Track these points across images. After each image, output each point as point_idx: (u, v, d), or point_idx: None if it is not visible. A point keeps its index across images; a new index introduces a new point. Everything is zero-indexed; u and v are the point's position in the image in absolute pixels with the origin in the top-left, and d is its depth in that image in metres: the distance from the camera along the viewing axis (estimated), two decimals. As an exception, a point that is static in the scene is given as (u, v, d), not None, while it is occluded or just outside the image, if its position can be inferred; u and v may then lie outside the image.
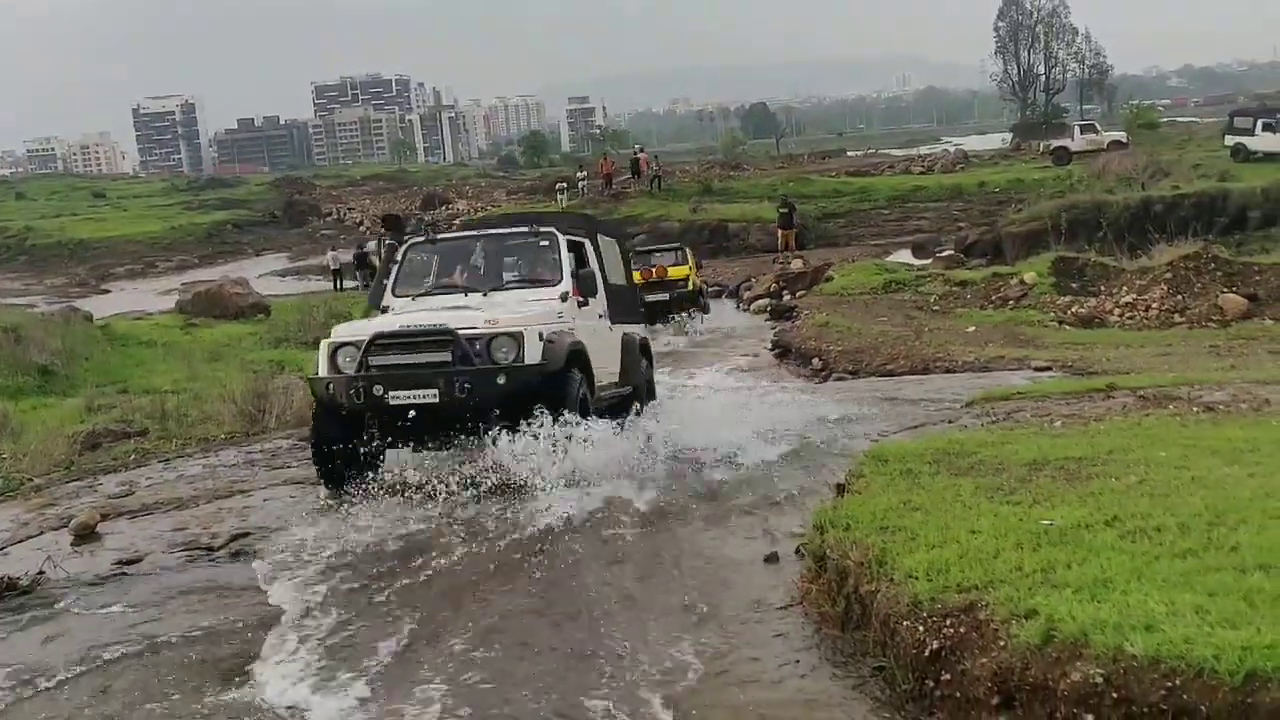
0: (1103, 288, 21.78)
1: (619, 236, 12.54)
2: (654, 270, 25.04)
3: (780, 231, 36.84)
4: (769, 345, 21.27)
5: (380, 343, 8.44)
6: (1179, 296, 20.26)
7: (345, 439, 8.54)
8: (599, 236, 11.00)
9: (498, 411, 8.22)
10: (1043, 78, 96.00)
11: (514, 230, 10.40)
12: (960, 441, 7.66)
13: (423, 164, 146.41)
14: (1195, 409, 8.31)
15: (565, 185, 51.91)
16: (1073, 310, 20.23)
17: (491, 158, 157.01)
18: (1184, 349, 14.99)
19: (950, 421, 9.53)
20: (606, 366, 10.07)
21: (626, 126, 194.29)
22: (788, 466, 9.19)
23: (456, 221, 40.54)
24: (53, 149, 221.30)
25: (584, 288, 9.74)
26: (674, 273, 25.50)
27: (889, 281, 25.50)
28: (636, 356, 11.12)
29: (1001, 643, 4.33)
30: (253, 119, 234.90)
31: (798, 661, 5.41)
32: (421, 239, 10.60)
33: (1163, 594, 4.30)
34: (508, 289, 9.66)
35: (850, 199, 48.15)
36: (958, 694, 4.45)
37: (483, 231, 10.62)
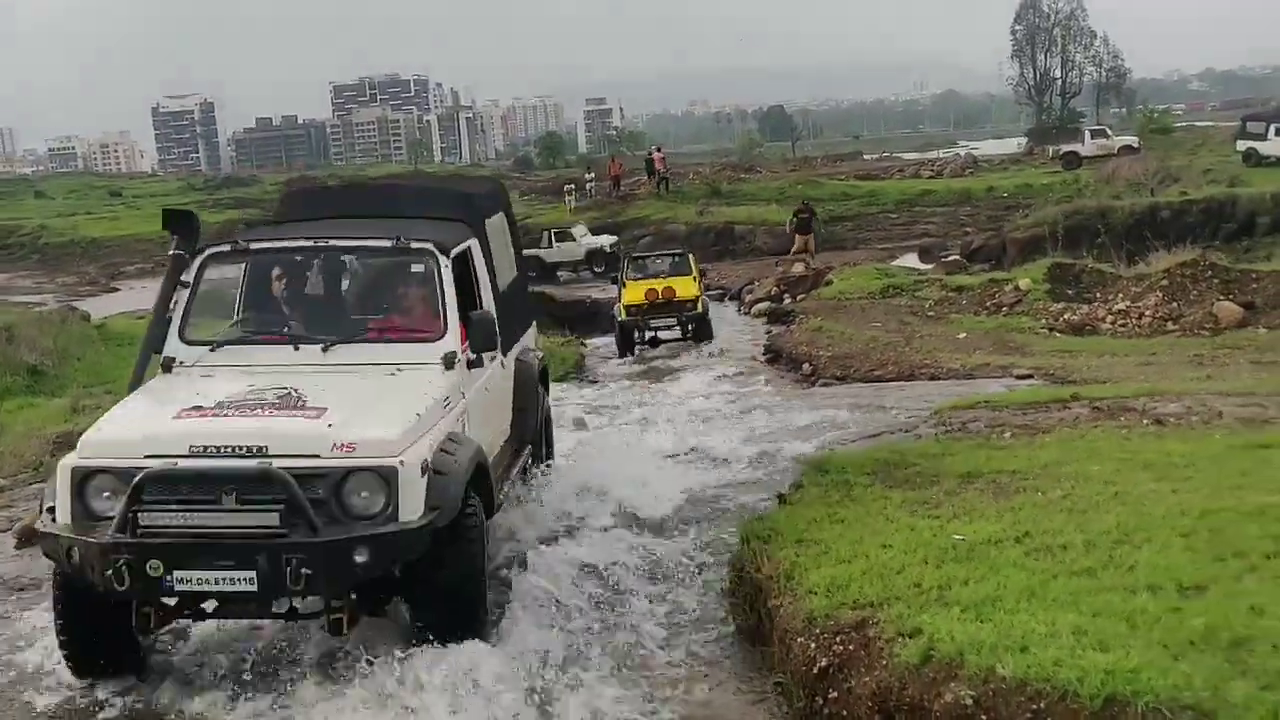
0: (1098, 294, 21.67)
1: (505, 207, 8.79)
2: (659, 290, 20.86)
3: (797, 236, 36.62)
4: (762, 349, 21.24)
5: (157, 482, 5.13)
6: (1174, 304, 20.12)
7: (103, 624, 5.54)
8: (485, 224, 7.59)
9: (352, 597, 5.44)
10: (1059, 81, 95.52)
11: (368, 244, 6.77)
12: (903, 452, 7.65)
13: (439, 164, 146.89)
14: (1146, 421, 8.23)
15: (573, 187, 51.86)
16: (1065, 317, 20.09)
17: (509, 158, 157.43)
18: (1167, 358, 14.88)
19: (907, 430, 9.47)
20: (499, 426, 7.20)
21: (644, 128, 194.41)
22: (743, 475, 9.18)
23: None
24: (73, 148, 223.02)
25: (478, 339, 6.34)
26: (681, 290, 21.14)
27: (887, 286, 25.39)
28: (534, 393, 7.93)
29: (884, 661, 4.32)
30: (270, 118, 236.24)
31: (706, 675, 5.42)
32: (225, 247, 6.84)
33: (1048, 614, 4.28)
34: (359, 341, 6.28)
35: (858, 202, 47.98)
36: (844, 712, 4.43)
37: (319, 240, 6.74)
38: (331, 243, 6.74)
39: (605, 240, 37.59)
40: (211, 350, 6.35)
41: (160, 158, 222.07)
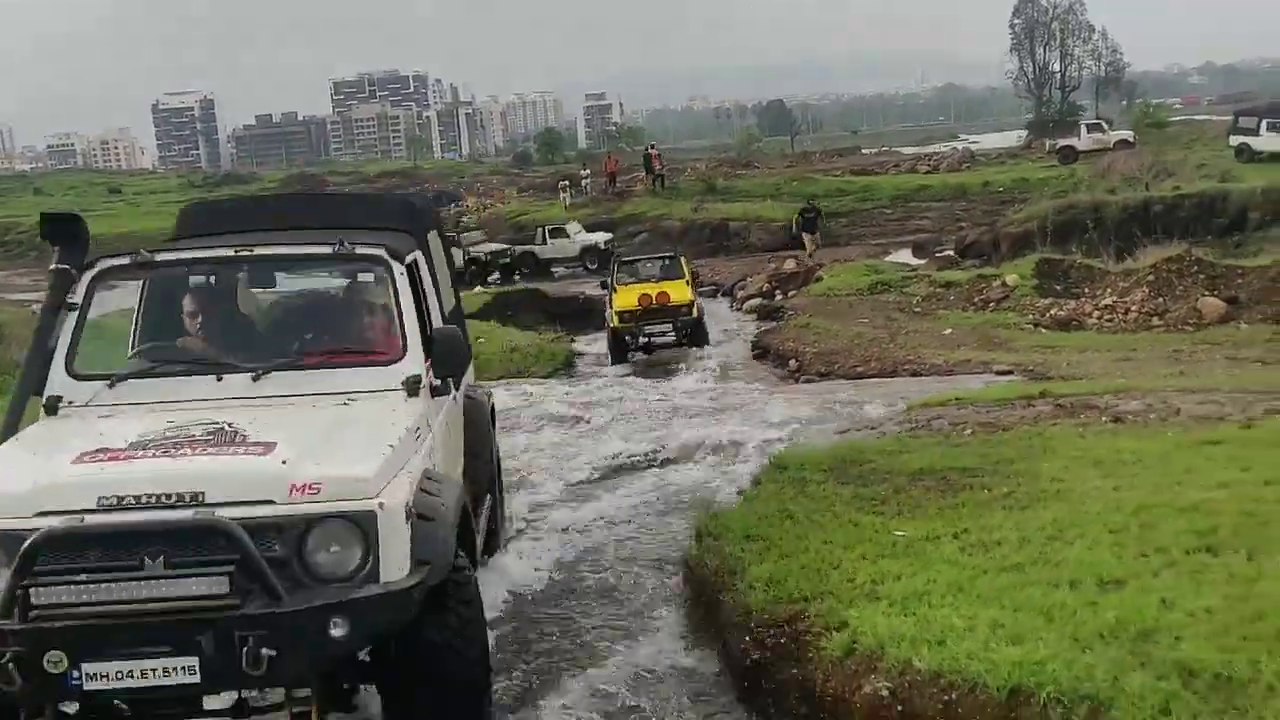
0: (1086, 290, 21.79)
1: (438, 225, 7.58)
2: (652, 295, 19.74)
3: (804, 235, 36.60)
4: (750, 346, 21.34)
5: (56, 546, 3.90)
6: (1160, 299, 20.24)
7: None
8: (427, 237, 6.51)
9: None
10: (1058, 75, 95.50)
11: (302, 251, 5.61)
12: (862, 449, 7.76)
13: (439, 160, 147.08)
14: (1104, 419, 8.33)
15: (568, 183, 51.99)
16: (1051, 313, 20.20)
17: (508, 154, 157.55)
18: (1146, 354, 14.97)
19: (874, 428, 9.58)
20: (454, 473, 5.79)
21: (643, 123, 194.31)
22: (713, 471, 9.31)
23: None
24: (73, 145, 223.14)
25: (444, 360, 5.19)
26: (675, 295, 19.98)
27: (876, 282, 25.49)
28: (486, 435, 6.87)
29: (810, 655, 4.43)
30: (270, 115, 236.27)
31: (651, 669, 5.53)
32: (124, 260, 5.40)
33: (970, 608, 4.39)
34: (298, 368, 5.11)
35: (853, 198, 47.94)
36: (773, 705, 4.56)
37: (241, 250, 5.45)
38: (257, 251, 5.46)
39: (599, 237, 37.83)
40: (110, 386, 4.99)
41: (160, 154, 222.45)
